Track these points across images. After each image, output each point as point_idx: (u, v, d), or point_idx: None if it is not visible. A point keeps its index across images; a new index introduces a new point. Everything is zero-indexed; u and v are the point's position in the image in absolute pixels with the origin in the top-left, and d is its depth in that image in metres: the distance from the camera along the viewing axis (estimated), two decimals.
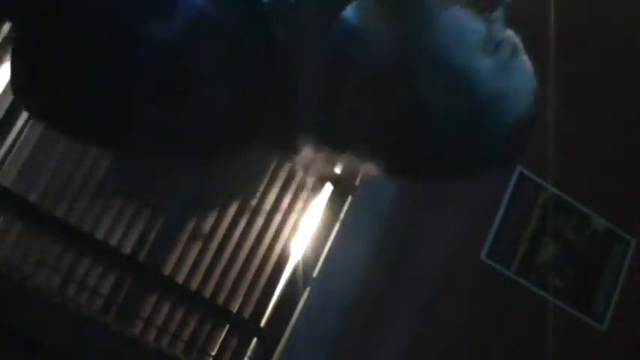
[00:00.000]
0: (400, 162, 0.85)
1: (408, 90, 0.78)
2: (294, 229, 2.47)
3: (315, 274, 2.40)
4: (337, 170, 2.53)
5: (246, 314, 2.42)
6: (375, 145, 0.82)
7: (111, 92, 0.80)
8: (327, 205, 2.47)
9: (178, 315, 2.38)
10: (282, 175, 2.48)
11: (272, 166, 2.48)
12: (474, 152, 0.84)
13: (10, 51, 0.95)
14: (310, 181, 2.50)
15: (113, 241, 2.35)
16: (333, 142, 0.84)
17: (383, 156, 0.84)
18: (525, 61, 0.84)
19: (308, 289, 2.38)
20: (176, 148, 0.88)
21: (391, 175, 0.90)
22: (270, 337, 2.38)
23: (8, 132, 2.32)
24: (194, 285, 2.40)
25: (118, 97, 0.80)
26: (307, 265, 2.42)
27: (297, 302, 2.39)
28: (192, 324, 2.39)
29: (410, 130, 0.80)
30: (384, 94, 0.78)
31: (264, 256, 2.45)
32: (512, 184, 2.21)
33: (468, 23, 0.80)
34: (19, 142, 2.33)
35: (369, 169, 0.87)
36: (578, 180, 2.28)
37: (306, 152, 0.85)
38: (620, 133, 2.35)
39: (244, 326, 2.41)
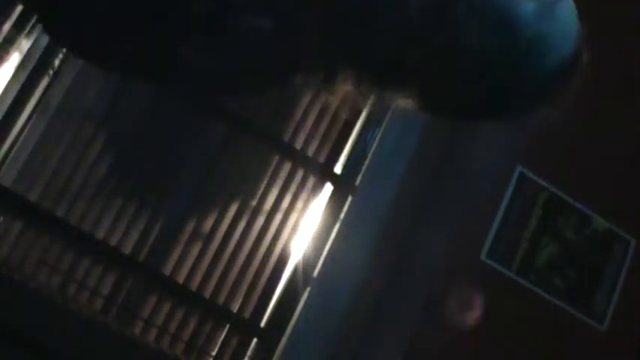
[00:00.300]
0: (441, 100, 0.85)
1: (453, 31, 0.77)
2: (294, 229, 2.47)
3: (315, 274, 2.40)
4: (337, 170, 2.53)
5: (246, 314, 2.42)
6: (417, 83, 0.81)
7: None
8: (327, 205, 2.47)
9: (178, 315, 2.38)
10: (282, 175, 2.48)
11: (272, 166, 2.48)
12: (521, 92, 0.84)
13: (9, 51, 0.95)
14: (311, 181, 2.50)
15: (113, 241, 2.35)
16: (373, 77, 0.82)
17: (426, 94, 0.83)
18: (569, 5, 0.87)
19: (308, 289, 2.38)
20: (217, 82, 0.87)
21: (428, 113, 0.87)
22: (270, 337, 2.38)
23: (8, 132, 2.32)
24: (194, 285, 2.40)
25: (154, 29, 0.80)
26: (307, 265, 2.42)
27: (297, 302, 2.39)
28: (192, 324, 2.39)
29: (454, 70, 0.79)
30: (429, 33, 0.77)
31: (264, 256, 2.45)
32: (512, 184, 2.21)
33: None
34: (19, 142, 2.33)
35: (406, 104, 0.84)
36: (578, 180, 2.28)
37: (342, 86, 0.82)
38: (621, 133, 2.35)
39: (244, 326, 2.41)
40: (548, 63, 0.84)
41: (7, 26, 2.28)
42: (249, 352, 2.40)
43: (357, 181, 2.46)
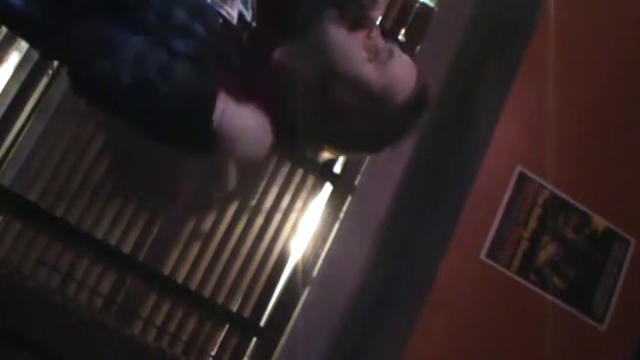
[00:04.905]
0: (338, 144, 1.20)
1: (328, 95, 1.13)
2: (294, 229, 2.47)
3: (314, 273, 2.39)
4: (337, 170, 2.53)
5: (246, 314, 2.42)
6: (320, 135, 1.17)
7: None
8: (327, 205, 2.47)
9: (178, 314, 2.38)
10: (282, 175, 2.48)
11: (272, 166, 2.48)
12: (383, 128, 1.17)
13: (9, 51, 1.03)
14: (310, 181, 2.50)
15: (113, 241, 2.35)
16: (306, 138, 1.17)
17: (326, 142, 1.19)
18: (402, 59, 1.17)
19: (307, 288, 2.38)
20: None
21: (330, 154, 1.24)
22: (269, 336, 2.38)
23: (8, 132, 2.32)
24: (194, 285, 2.40)
25: None
26: (307, 265, 2.42)
27: (296, 302, 2.39)
28: (192, 323, 2.39)
29: (336, 123, 1.15)
30: (317, 100, 1.13)
31: (264, 256, 2.45)
32: (512, 184, 2.21)
33: (354, 41, 1.13)
34: (18, 141, 2.33)
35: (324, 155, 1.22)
36: (578, 180, 2.28)
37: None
38: (621, 133, 2.35)
39: (244, 326, 2.41)
40: (397, 102, 1.15)
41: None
42: (248, 352, 2.40)
43: (357, 181, 2.46)
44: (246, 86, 1.09)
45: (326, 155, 1.22)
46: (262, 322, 2.42)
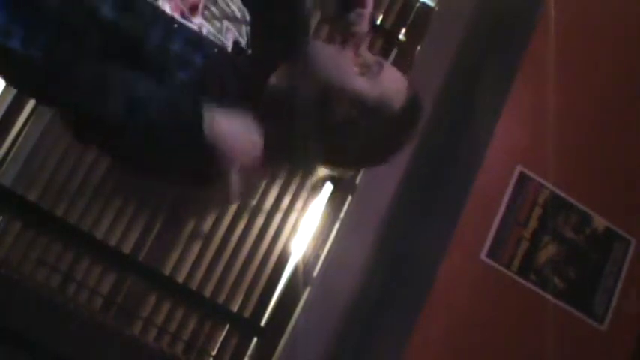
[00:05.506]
0: (336, 159, 1.22)
1: (326, 112, 1.16)
2: (294, 229, 2.47)
3: (315, 273, 2.40)
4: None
5: (246, 314, 2.42)
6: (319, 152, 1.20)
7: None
8: (327, 205, 2.47)
9: (178, 314, 2.38)
10: (282, 175, 2.48)
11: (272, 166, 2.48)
12: (382, 140, 1.20)
13: None
14: (310, 181, 2.50)
15: (113, 241, 2.35)
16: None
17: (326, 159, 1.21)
18: (392, 71, 1.22)
19: (308, 288, 2.38)
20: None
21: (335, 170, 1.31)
22: (270, 336, 2.38)
23: (8, 132, 2.32)
24: (194, 285, 2.40)
25: None
26: (307, 264, 2.42)
27: (297, 302, 2.39)
28: (192, 323, 2.39)
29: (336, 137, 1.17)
30: (316, 118, 1.16)
31: (264, 256, 2.45)
32: (512, 184, 2.21)
33: (344, 57, 1.18)
34: (19, 142, 2.33)
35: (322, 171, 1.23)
36: (578, 180, 2.28)
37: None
38: (621, 133, 2.35)
39: (244, 326, 2.41)
40: (393, 112, 1.19)
41: None
42: (249, 352, 2.40)
43: (357, 181, 2.46)
44: (246, 109, 1.13)
45: (327, 172, 1.29)
46: (263, 322, 2.42)
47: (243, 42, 1.22)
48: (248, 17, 1.23)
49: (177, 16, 1.10)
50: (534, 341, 2.15)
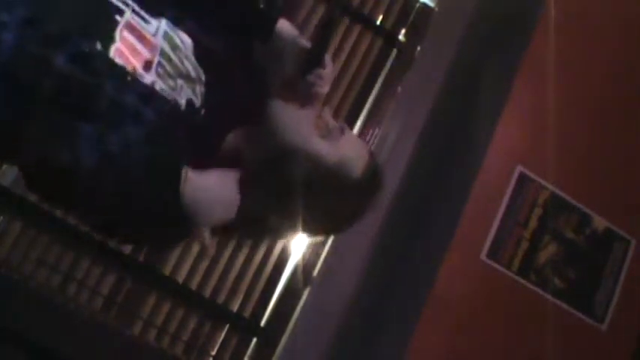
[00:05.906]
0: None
1: (284, 174, 1.14)
2: None
3: (315, 274, 2.39)
4: None
5: (246, 314, 2.42)
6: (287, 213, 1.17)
7: None
8: None
9: (178, 315, 2.38)
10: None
11: None
12: (341, 206, 1.20)
13: None
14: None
15: (113, 241, 2.35)
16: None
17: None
18: (352, 137, 1.23)
19: (308, 289, 2.38)
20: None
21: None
22: (270, 337, 2.38)
23: None
24: (194, 285, 2.40)
25: None
26: (307, 265, 2.42)
27: (296, 302, 2.39)
28: (192, 324, 2.39)
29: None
30: (274, 180, 1.15)
31: (264, 256, 2.45)
32: (512, 184, 2.21)
33: (304, 119, 1.17)
34: None
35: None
36: (578, 180, 2.28)
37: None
38: (621, 133, 2.35)
39: (244, 326, 2.41)
40: (353, 178, 1.18)
41: None
42: (249, 352, 2.40)
43: None
44: (201, 169, 1.10)
45: (290, 235, 1.24)
46: (262, 323, 2.42)
47: (197, 102, 1.19)
48: (203, 77, 1.20)
49: (130, 70, 1.08)
50: (534, 341, 2.15)
